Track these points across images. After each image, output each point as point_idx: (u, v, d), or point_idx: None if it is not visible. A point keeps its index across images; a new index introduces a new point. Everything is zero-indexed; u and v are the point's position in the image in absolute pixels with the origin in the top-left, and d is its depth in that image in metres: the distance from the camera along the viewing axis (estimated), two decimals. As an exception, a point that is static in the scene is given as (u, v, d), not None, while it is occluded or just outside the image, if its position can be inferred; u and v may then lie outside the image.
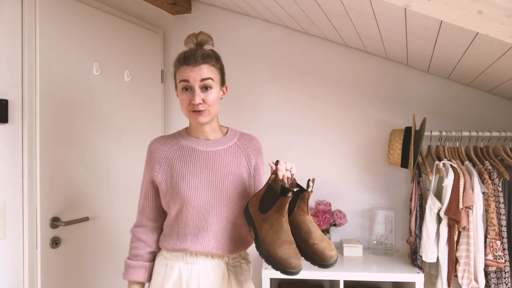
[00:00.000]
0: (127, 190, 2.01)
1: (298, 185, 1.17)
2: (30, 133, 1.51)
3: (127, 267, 1.30)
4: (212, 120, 1.25)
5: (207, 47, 1.24)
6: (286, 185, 1.11)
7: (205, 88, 1.18)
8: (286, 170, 1.12)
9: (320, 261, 1.09)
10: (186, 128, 1.33)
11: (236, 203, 1.23)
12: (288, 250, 1.05)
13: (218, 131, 1.30)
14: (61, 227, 1.63)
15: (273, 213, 1.09)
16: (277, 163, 1.12)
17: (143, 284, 1.31)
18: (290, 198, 1.08)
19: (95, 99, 1.82)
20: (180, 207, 1.22)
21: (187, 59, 1.18)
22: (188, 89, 1.19)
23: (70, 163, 1.68)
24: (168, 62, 2.40)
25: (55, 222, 1.60)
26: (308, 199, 1.13)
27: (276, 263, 1.05)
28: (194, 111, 1.19)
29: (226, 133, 1.31)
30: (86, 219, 1.72)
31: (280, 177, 1.11)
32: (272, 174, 1.14)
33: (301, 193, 1.13)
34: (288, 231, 1.09)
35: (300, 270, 1.05)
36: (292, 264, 1.03)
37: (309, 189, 1.11)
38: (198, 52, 1.19)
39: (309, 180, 1.11)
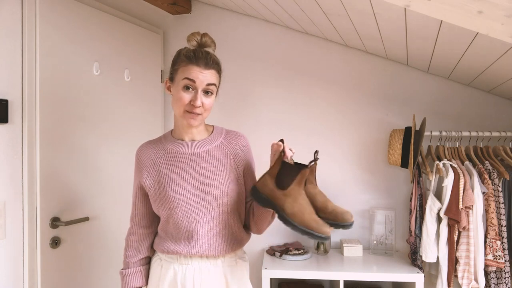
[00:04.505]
0: (127, 190, 2.01)
1: (296, 163, 1.21)
2: (30, 133, 1.51)
3: (124, 277, 1.31)
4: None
5: (209, 50, 1.23)
6: (292, 163, 1.17)
7: (206, 92, 1.19)
8: (289, 149, 1.19)
9: (343, 222, 1.16)
10: (171, 131, 1.33)
11: (226, 202, 1.23)
12: (317, 218, 1.14)
13: (203, 132, 1.30)
14: (61, 227, 1.63)
15: (295, 186, 1.15)
16: (282, 142, 1.19)
17: None
18: (309, 170, 1.17)
19: (95, 99, 1.82)
20: (169, 211, 1.22)
21: (198, 59, 1.17)
22: (190, 88, 1.18)
23: (70, 163, 1.68)
24: (168, 62, 2.40)
25: (55, 222, 1.60)
26: (315, 171, 1.24)
27: (313, 232, 1.12)
28: (190, 112, 1.18)
29: (211, 132, 1.31)
30: (86, 219, 1.72)
31: (288, 155, 1.16)
32: (281, 152, 1.18)
33: (308, 166, 1.19)
34: (309, 202, 1.17)
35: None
36: (325, 229, 1.12)
37: (317, 160, 1.21)
38: (209, 56, 1.19)
39: (316, 152, 1.19)
